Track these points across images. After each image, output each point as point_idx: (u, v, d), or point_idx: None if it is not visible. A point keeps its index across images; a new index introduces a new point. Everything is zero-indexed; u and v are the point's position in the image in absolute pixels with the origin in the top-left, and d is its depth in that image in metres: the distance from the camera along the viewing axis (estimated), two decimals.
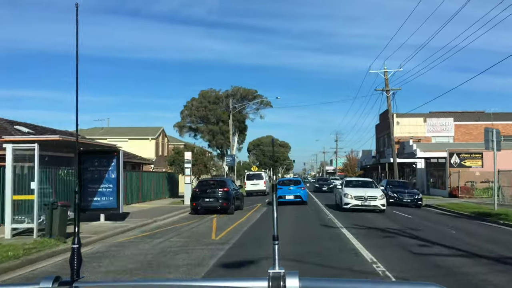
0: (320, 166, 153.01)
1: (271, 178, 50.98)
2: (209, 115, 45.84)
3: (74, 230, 1.68)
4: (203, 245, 11.63)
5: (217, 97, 47.30)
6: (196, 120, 46.98)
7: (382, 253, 10.18)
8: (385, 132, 63.39)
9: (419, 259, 9.85)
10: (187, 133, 48.74)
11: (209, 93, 47.35)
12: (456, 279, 7.81)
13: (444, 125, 57.60)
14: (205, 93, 47.30)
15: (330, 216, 20.23)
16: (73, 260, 1.60)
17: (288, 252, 9.73)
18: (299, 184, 27.91)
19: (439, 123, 57.98)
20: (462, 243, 11.88)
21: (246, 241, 12.54)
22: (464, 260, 9.63)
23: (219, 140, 46.21)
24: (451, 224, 17.16)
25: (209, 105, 46.15)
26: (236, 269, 8.66)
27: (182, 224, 17.29)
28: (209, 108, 45.74)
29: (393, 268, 8.48)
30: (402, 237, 13.27)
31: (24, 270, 8.65)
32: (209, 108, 45.75)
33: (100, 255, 10.32)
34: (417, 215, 21.51)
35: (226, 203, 20.43)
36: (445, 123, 57.75)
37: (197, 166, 30.90)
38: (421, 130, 57.95)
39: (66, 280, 1.52)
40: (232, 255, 10.16)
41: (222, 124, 46.69)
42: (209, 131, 45.93)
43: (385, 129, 63.26)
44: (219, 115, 46.08)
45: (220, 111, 46.46)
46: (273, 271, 1.44)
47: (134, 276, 8.04)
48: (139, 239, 12.97)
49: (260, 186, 38.79)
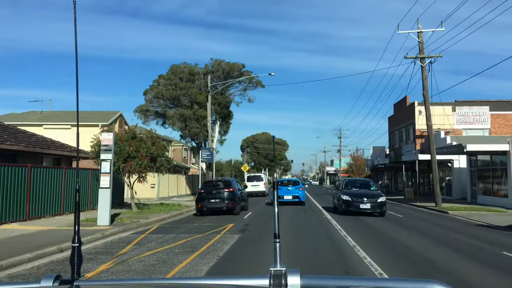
0: (320, 167, 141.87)
1: (272, 177, 52.22)
2: (181, 96, 34.67)
3: (74, 230, 1.69)
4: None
5: (192, 73, 36.11)
6: (165, 102, 35.81)
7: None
8: (403, 125, 52.15)
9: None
10: (154, 120, 37.61)
11: (181, 68, 36.21)
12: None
13: (478, 115, 46.54)
14: (176, 68, 36.15)
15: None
16: (74, 259, 1.62)
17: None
18: (297, 184, 28.39)
19: (472, 113, 46.84)
20: None
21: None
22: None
23: (194, 129, 35.00)
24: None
25: (181, 82, 34.98)
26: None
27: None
28: (180, 86, 34.56)
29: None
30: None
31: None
32: (181, 86, 34.57)
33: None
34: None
35: (232, 204, 20.28)
36: (479, 112, 46.67)
37: (136, 161, 19.72)
38: (449, 121, 46.31)
39: (66, 279, 1.53)
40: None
41: (198, 107, 35.52)
42: (180, 116, 34.75)
43: (403, 121, 52.00)
44: (194, 95, 34.90)
45: (196, 91, 35.31)
46: (275, 269, 1.44)
47: None
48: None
49: (260, 187, 40.35)
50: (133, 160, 19.86)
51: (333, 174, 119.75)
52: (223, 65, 36.90)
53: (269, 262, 1.72)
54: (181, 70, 35.92)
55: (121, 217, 17.76)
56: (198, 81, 37.03)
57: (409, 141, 50.85)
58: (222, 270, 8.36)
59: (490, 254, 10.72)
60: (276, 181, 1.86)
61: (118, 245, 11.58)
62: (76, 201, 1.82)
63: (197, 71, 36.47)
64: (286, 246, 10.34)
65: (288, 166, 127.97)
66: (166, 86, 34.63)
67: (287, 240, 11.76)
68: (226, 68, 36.83)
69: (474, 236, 14.04)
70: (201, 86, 37.19)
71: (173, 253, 10.12)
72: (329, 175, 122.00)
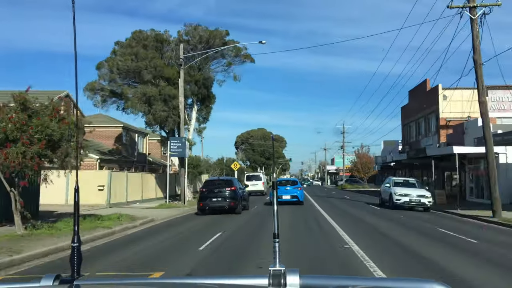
0: (320, 166, 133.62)
1: (270, 176, 51.59)
2: (143, 70, 26.24)
3: (74, 229, 1.65)
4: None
5: (159, 40, 27.59)
6: (121, 78, 27.38)
7: None
8: (421, 114, 43.70)
9: None
10: (113, 104, 29.05)
11: (145, 34, 27.75)
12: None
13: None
14: (139, 34, 27.70)
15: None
16: (73, 258, 1.58)
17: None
18: (296, 184, 28.29)
19: (507, 98, 38.41)
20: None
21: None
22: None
23: (160, 112, 26.52)
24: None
25: (144, 51, 26.58)
26: None
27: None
28: (142, 56, 26.12)
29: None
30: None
31: None
32: (142, 56, 26.12)
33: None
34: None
35: (233, 203, 20.17)
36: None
37: (18, 147, 11.33)
38: (470, 108, 37.62)
39: (66, 278, 1.51)
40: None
41: (166, 84, 27.07)
42: (142, 96, 26.31)
43: (421, 109, 43.49)
44: (161, 68, 26.44)
45: (162, 63, 26.88)
46: (274, 269, 1.43)
47: None
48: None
49: (258, 186, 41.15)
50: (13, 145, 11.47)
51: (334, 173, 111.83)
52: (201, 32, 28.41)
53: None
54: (145, 36, 27.45)
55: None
56: (168, 52, 28.60)
57: (429, 133, 42.39)
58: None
59: None
60: (275, 181, 1.84)
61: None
62: (75, 201, 1.74)
63: (166, 38, 28.01)
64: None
65: (287, 165, 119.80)
66: (124, 55, 26.19)
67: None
68: (204, 35, 28.34)
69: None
70: (172, 59, 28.78)
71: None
72: (330, 175, 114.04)
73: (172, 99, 26.97)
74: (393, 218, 19.73)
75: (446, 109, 38.71)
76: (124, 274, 7.85)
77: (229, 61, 29.66)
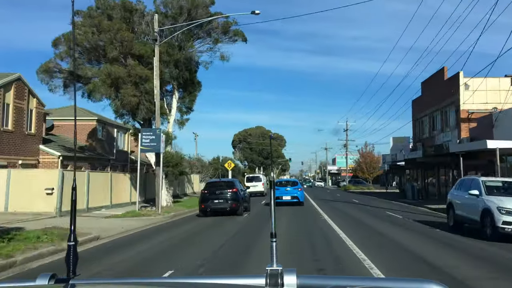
0: (320, 166, 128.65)
1: (269, 176, 51.91)
2: (107, 45, 21.18)
3: (70, 228, 1.66)
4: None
5: (127, 9, 22.48)
6: (83, 57, 22.34)
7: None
8: (437, 107, 38.58)
9: None
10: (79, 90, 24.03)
11: (112, 2, 22.69)
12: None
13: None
14: (104, 2, 22.63)
15: None
16: (69, 258, 1.59)
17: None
18: (296, 185, 28.23)
19: None
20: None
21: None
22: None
23: (129, 97, 21.38)
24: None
25: (108, 22, 21.52)
26: None
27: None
28: (105, 27, 21.01)
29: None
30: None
31: None
32: (106, 27, 21.02)
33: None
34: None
35: (235, 204, 20.13)
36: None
37: None
38: (503, 99, 32.55)
39: (62, 278, 1.50)
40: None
41: (137, 64, 22.05)
42: (107, 77, 21.19)
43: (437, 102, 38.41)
44: (129, 43, 21.41)
45: (132, 37, 21.85)
46: (271, 268, 1.42)
47: None
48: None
49: (258, 187, 42.54)
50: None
51: (335, 173, 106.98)
52: (181, 1, 23.43)
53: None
54: (112, 5, 22.38)
55: None
56: (143, 26, 23.55)
57: (447, 128, 37.34)
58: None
59: None
60: (273, 180, 1.84)
61: None
62: (73, 199, 1.75)
63: (137, 8, 22.93)
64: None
65: (286, 166, 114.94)
66: (84, 27, 21.16)
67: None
68: (185, 5, 23.33)
69: None
70: (147, 35, 23.77)
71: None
72: (331, 175, 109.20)
73: (145, 81, 21.95)
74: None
75: (468, 100, 33.70)
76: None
77: (215, 37, 24.60)
